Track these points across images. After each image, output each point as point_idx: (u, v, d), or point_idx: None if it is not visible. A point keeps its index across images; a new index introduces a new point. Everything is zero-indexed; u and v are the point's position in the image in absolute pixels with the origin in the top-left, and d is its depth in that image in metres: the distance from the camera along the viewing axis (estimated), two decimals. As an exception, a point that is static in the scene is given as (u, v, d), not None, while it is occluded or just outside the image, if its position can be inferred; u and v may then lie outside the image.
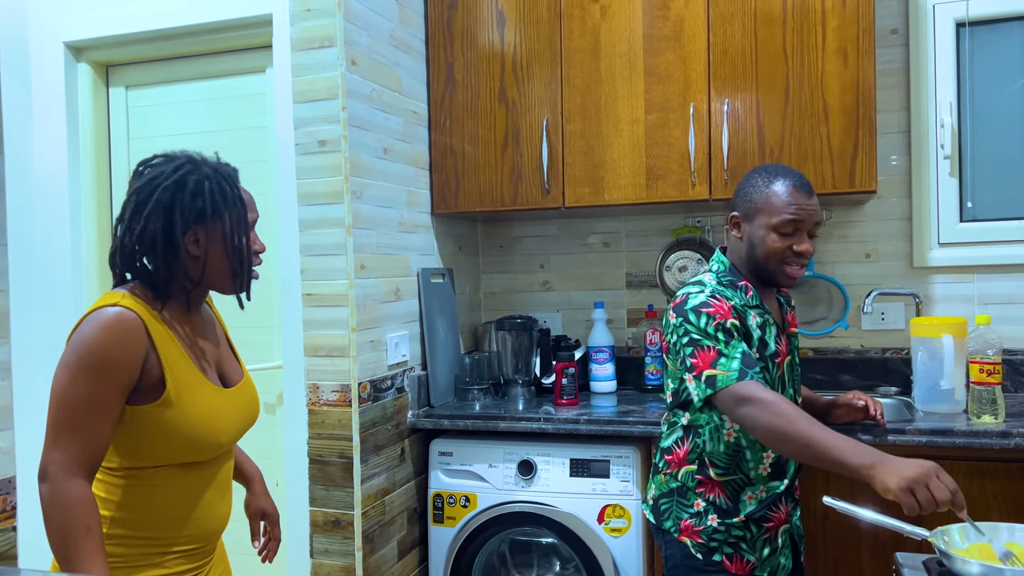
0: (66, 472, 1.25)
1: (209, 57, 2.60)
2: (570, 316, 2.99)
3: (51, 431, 1.28)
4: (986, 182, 2.57)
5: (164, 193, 1.34)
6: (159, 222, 1.34)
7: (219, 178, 1.39)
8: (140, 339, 1.31)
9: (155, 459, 1.36)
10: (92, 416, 1.27)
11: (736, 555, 1.73)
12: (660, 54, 2.45)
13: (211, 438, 1.40)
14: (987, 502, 1.96)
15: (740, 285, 1.74)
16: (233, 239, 1.39)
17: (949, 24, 2.56)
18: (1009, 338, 2.46)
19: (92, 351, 1.28)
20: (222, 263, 1.40)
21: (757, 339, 1.71)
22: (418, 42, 2.64)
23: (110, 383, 1.28)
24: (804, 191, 1.70)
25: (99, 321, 1.29)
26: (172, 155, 1.41)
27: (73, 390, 1.27)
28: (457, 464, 2.37)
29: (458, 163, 2.66)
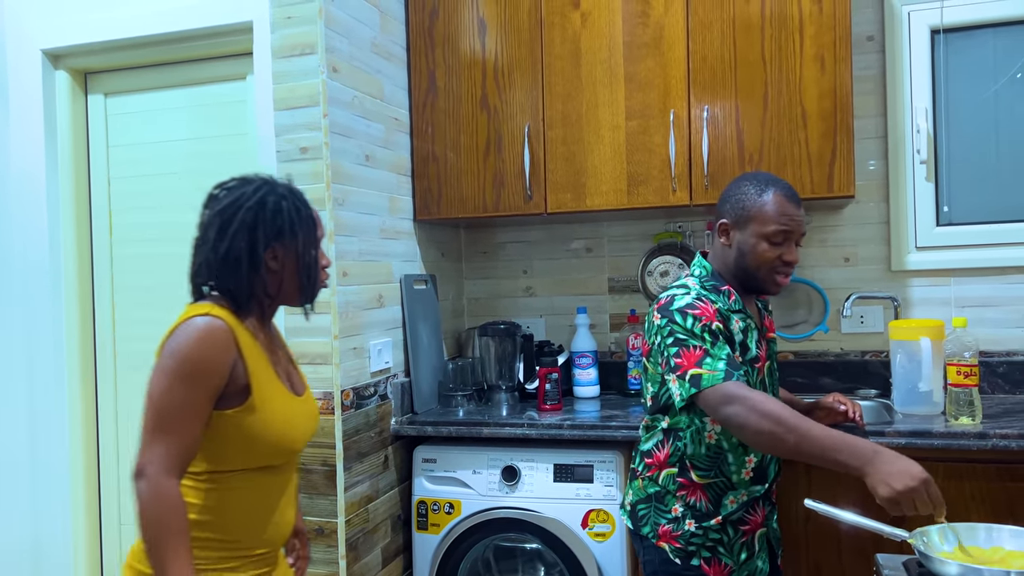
0: (163, 471, 1.33)
1: (189, 64, 2.59)
2: (553, 321, 2.99)
3: (148, 432, 1.36)
4: (961, 187, 2.61)
5: (248, 213, 1.45)
6: (243, 240, 1.45)
7: (293, 198, 1.50)
8: (230, 347, 1.40)
9: (236, 463, 1.44)
10: (186, 419, 1.36)
11: (714, 559, 1.74)
12: (640, 61, 2.47)
13: (288, 443, 1.49)
14: (965, 503, 1.98)
15: (723, 290, 1.75)
16: (305, 255, 1.50)
17: (924, 31, 2.60)
18: (985, 340, 2.50)
19: (187, 358, 1.36)
20: (294, 278, 1.51)
21: (739, 343, 1.72)
22: (399, 49, 2.65)
23: (202, 389, 1.37)
24: (794, 201, 1.73)
25: (193, 330, 1.39)
26: (248, 178, 1.52)
27: (169, 395, 1.36)
28: (441, 471, 2.37)
29: (440, 170, 2.66)
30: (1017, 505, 1.95)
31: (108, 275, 2.72)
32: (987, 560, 1.26)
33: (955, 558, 1.25)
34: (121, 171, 2.70)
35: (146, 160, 2.66)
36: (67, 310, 2.66)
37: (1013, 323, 2.55)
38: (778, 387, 1.91)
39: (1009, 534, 1.32)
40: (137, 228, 2.69)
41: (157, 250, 2.67)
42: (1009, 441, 1.94)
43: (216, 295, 1.48)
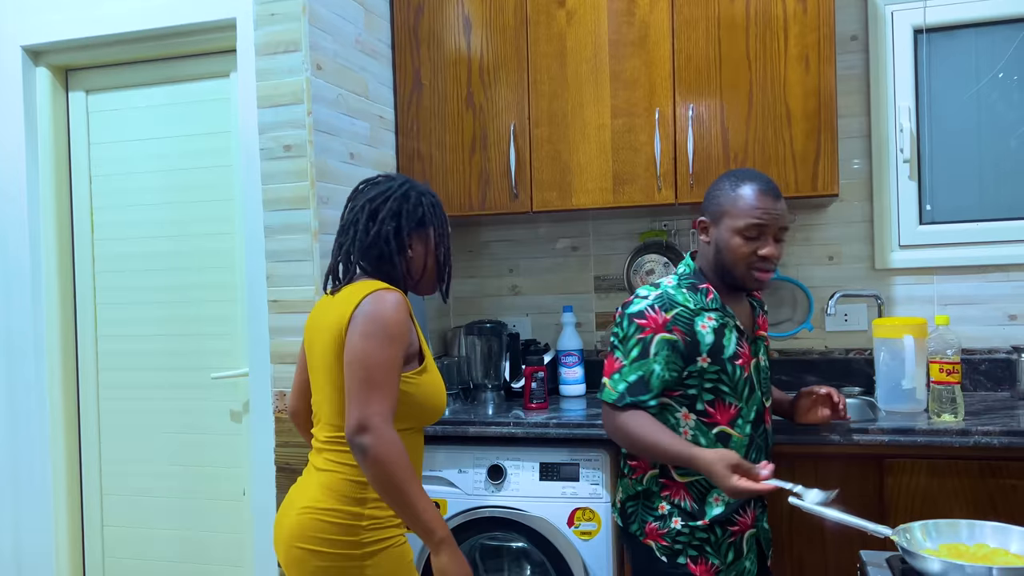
0: (385, 421, 1.50)
1: (172, 61, 2.57)
2: (539, 320, 2.99)
3: (363, 390, 1.50)
4: (944, 185, 2.63)
5: (394, 203, 1.66)
6: (391, 224, 1.64)
7: (431, 197, 1.72)
8: (410, 316, 1.61)
9: (409, 421, 1.63)
10: (391, 375, 1.53)
11: (701, 558, 1.74)
12: (626, 60, 2.47)
13: (442, 403, 1.71)
14: (948, 500, 2.00)
15: (701, 288, 1.76)
16: (441, 246, 1.71)
17: (907, 31, 2.62)
18: (967, 338, 2.52)
19: (388, 323, 1.54)
20: (432, 266, 1.71)
21: (710, 343, 1.72)
22: (384, 47, 2.64)
23: (401, 349, 1.56)
24: (771, 195, 1.72)
25: (385, 300, 1.57)
26: (392, 175, 1.74)
27: (377, 354, 1.52)
28: (426, 470, 2.35)
29: (426, 168, 2.65)
30: (999, 501, 1.96)
31: (90, 274, 2.70)
32: (971, 557, 1.27)
33: (938, 555, 1.26)
34: (103, 169, 2.68)
35: (128, 158, 2.64)
36: (48, 309, 2.63)
37: (995, 321, 2.57)
38: (768, 386, 1.90)
39: (992, 530, 1.33)
40: (119, 226, 2.66)
41: (139, 248, 2.65)
42: (991, 438, 1.96)
43: (371, 276, 1.66)
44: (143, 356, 2.66)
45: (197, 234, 2.59)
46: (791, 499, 1.52)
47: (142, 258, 2.64)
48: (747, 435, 1.77)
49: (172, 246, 2.61)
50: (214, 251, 2.56)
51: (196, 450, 2.60)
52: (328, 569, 1.55)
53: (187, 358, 2.61)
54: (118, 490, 2.69)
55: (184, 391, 2.61)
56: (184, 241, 2.60)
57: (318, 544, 1.55)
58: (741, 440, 1.76)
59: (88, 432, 2.71)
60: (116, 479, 2.69)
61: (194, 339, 2.60)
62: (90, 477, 2.71)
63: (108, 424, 2.70)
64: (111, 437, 2.70)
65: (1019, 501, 1.95)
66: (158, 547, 2.66)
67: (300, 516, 1.58)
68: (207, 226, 2.57)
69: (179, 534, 2.63)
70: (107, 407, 2.70)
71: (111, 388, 2.70)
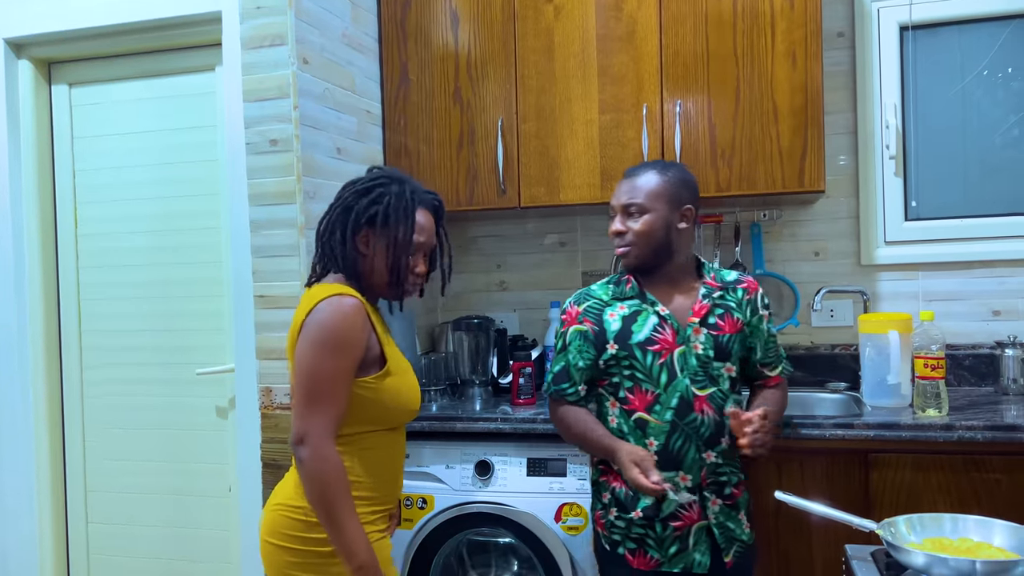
0: (323, 436, 1.48)
1: (156, 55, 2.55)
2: (527, 316, 2.99)
3: (304, 402, 1.50)
4: (929, 182, 2.64)
5: (352, 196, 1.63)
6: (340, 218, 1.62)
7: (402, 200, 1.62)
8: (365, 322, 1.56)
9: (373, 424, 1.60)
10: (336, 388, 1.51)
11: (639, 551, 1.80)
12: (613, 55, 2.47)
13: (413, 404, 1.68)
14: (932, 495, 2.01)
15: (623, 279, 1.87)
16: (395, 252, 1.61)
17: (893, 28, 2.63)
18: (952, 333, 2.54)
19: (335, 333, 1.51)
20: (383, 269, 1.62)
21: (616, 329, 1.81)
22: (371, 41, 2.62)
23: (348, 359, 1.52)
24: (625, 178, 1.83)
25: (335, 307, 1.53)
26: (387, 169, 1.70)
27: (320, 366, 1.50)
28: (413, 466, 2.35)
29: (413, 163, 2.64)
30: (982, 495, 1.98)
31: (73, 269, 2.67)
32: (955, 551, 1.28)
33: (922, 548, 1.27)
34: (86, 163, 2.65)
35: (112, 152, 2.62)
36: (31, 304, 2.61)
37: (979, 316, 2.59)
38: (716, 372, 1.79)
39: (975, 524, 1.34)
40: (103, 221, 2.64)
41: (124, 243, 2.63)
42: (975, 433, 1.98)
43: (336, 275, 1.64)
44: (128, 351, 2.64)
45: (182, 229, 2.57)
46: (778, 494, 1.52)
47: (127, 253, 2.62)
48: (667, 421, 1.76)
49: (157, 241, 2.59)
50: (199, 246, 2.55)
51: (182, 446, 2.59)
52: (299, 565, 1.55)
53: (172, 354, 2.59)
54: (103, 486, 2.68)
55: (169, 387, 2.59)
56: (169, 236, 2.58)
57: (288, 540, 1.56)
58: (660, 427, 1.77)
59: (72, 428, 2.69)
60: (101, 475, 2.67)
61: (179, 334, 2.58)
62: (74, 473, 2.69)
63: (92, 420, 2.68)
64: (95, 433, 2.68)
65: (1002, 495, 1.97)
66: (143, 544, 2.64)
67: (273, 512, 1.60)
68: (192, 221, 2.55)
69: (164, 531, 2.62)
70: (91, 403, 2.68)
71: (95, 384, 2.67)
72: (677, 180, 1.81)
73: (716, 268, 1.91)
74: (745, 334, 1.85)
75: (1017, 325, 2.53)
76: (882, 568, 1.31)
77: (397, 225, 1.61)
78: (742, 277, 1.90)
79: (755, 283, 1.90)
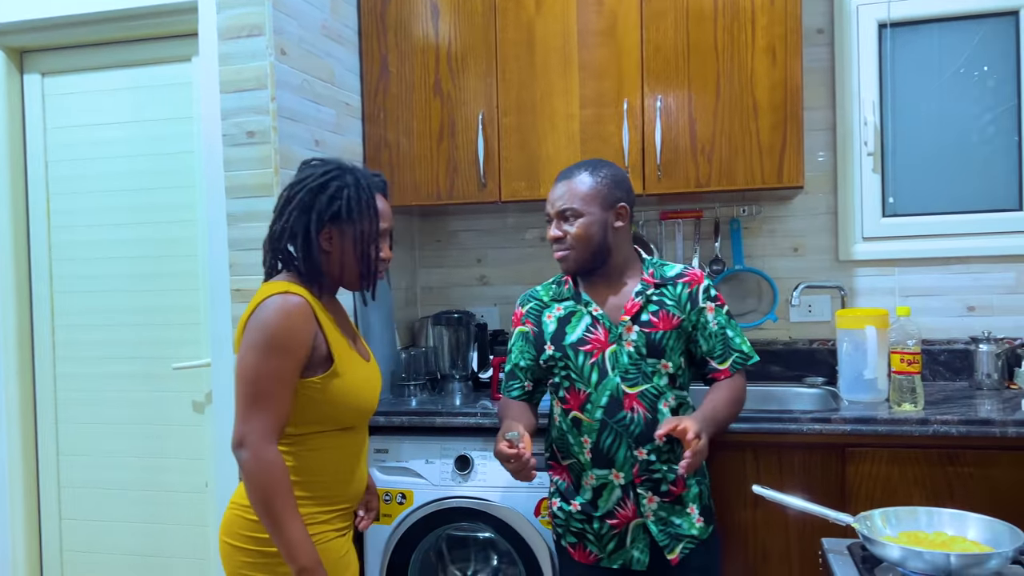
0: (263, 439, 1.45)
1: (131, 44, 2.51)
2: (507, 310, 2.98)
3: (244, 405, 1.47)
4: (906, 178, 2.67)
5: (307, 194, 1.54)
6: (299, 219, 1.54)
7: (359, 188, 1.56)
8: (310, 321, 1.51)
9: (323, 424, 1.56)
10: (277, 390, 1.47)
11: (580, 544, 1.84)
12: (594, 49, 2.47)
13: (366, 404, 1.63)
14: (908, 488, 2.03)
15: (562, 280, 1.90)
16: (362, 243, 1.57)
17: (872, 25, 2.65)
18: (928, 329, 2.56)
19: (275, 333, 1.47)
20: (352, 263, 1.58)
21: (552, 331, 1.84)
22: (351, 32, 2.60)
23: (290, 360, 1.48)
24: (558, 182, 1.83)
25: (276, 307, 1.49)
26: (327, 160, 1.61)
27: (260, 368, 1.46)
28: (393, 461, 2.34)
29: (393, 156, 2.62)
30: (956, 488, 2.00)
31: (46, 261, 2.63)
32: (930, 545, 1.29)
33: (898, 542, 1.28)
34: (59, 154, 2.61)
35: (86, 143, 2.58)
36: (3, 297, 2.57)
37: (954, 312, 2.62)
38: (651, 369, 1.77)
39: (949, 517, 1.35)
40: (76, 213, 2.60)
41: (98, 236, 2.59)
42: (949, 427, 2.00)
43: (286, 272, 1.59)
44: (102, 346, 2.60)
45: (157, 221, 2.53)
46: (755, 487, 1.53)
47: (100, 246, 2.58)
48: (597, 420, 1.77)
49: (132, 233, 2.56)
50: (175, 239, 2.51)
51: (157, 441, 2.56)
52: (251, 564, 1.53)
53: (147, 348, 2.56)
54: (76, 482, 2.64)
55: (145, 381, 2.56)
56: (144, 229, 2.55)
57: (241, 540, 1.54)
58: (591, 424, 1.78)
59: (45, 423, 2.65)
60: (74, 471, 2.64)
61: (155, 328, 2.55)
62: (47, 469, 2.65)
63: (66, 415, 2.64)
64: (69, 428, 2.64)
65: (976, 488, 1.99)
66: (118, 540, 2.61)
67: (229, 511, 1.59)
68: (168, 213, 2.52)
69: (139, 527, 2.59)
70: (65, 398, 2.64)
71: (69, 378, 2.64)
72: (609, 180, 1.80)
73: (659, 263, 1.87)
74: (683, 329, 1.81)
75: (992, 321, 2.56)
76: (858, 561, 1.32)
77: (362, 217, 1.56)
78: (685, 271, 1.85)
79: (699, 275, 1.85)
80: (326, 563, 1.53)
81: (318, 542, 1.53)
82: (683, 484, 1.80)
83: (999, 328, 2.51)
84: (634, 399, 1.76)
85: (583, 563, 1.84)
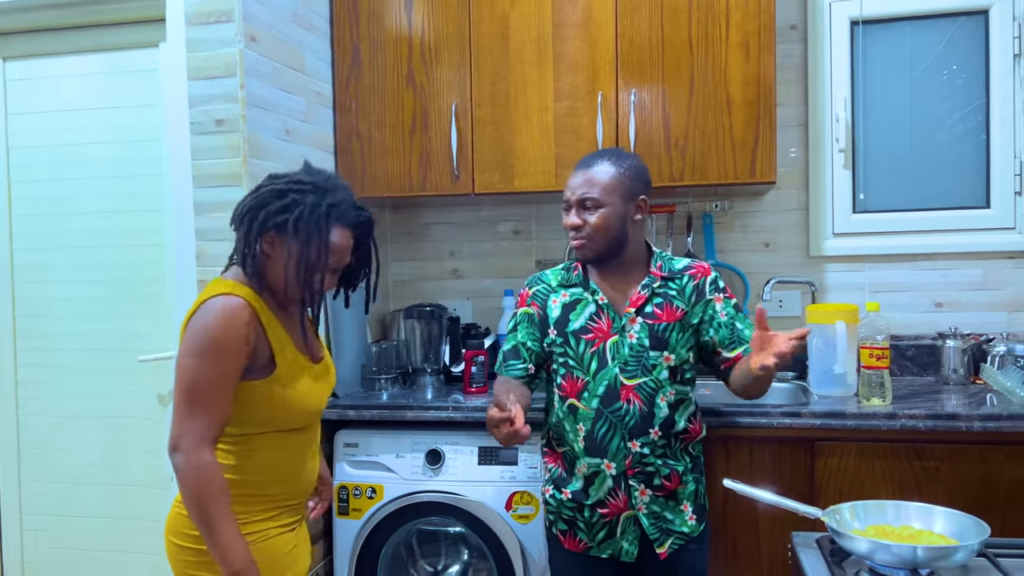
0: (198, 443, 1.43)
1: (96, 29, 2.45)
2: (480, 304, 2.97)
3: (181, 408, 1.45)
4: (877, 175, 2.69)
5: (266, 194, 1.52)
6: (248, 216, 1.52)
7: (314, 212, 1.50)
8: (252, 323, 1.48)
9: (265, 426, 1.54)
10: (215, 393, 1.44)
11: (570, 532, 1.84)
12: (569, 41, 2.45)
13: (311, 407, 1.61)
14: (876, 482, 2.05)
15: (573, 266, 1.89)
16: (302, 264, 1.51)
17: (844, 22, 2.66)
18: (896, 324, 2.59)
19: (214, 338, 1.44)
20: (291, 277, 1.52)
21: (556, 316, 1.84)
22: (322, 21, 2.56)
23: (228, 364, 1.45)
24: (578, 169, 1.81)
25: (216, 309, 1.46)
26: (315, 172, 1.58)
27: (197, 371, 1.44)
28: (363, 455, 2.32)
29: (364, 147, 2.59)
30: (923, 482, 2.03)
31: (7, 251, 2.57)
32: (897, 538, 1.30)
33: (866, 535, 1.29)
34: (21, 140, 2.55)
35: (49, 129, 2.52)
36: (-39, 288, 2.50)
37: (922, 308, 2.65)
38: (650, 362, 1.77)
39: (916, 511, 1.37)
40: (39, 201, 2.54)
41: (61, 225, 2.53)
42: (916, 421, 2.02)
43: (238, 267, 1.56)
44: (65, 337, 2.54)
45: (122, 210, 2.48)
46: (726, 481, 1.53)
47: (64, 235, 2.52)
48: (594, 408, 1.78)
49: (96, 223, 2.50)
50: (141, 228, 2.46)
51: (121, 435, 2.51)
52: (195, 563, 1.52)
53: (112, 339, 2.51)
54: (38, 476, 2.58)
55: (109, 374, 2.51)
56: (109, 218, 2.49)
57: (184, 539, 1.53)
58: (587, 412, 1.78)
59: (5, 416, 2.59)
60: (36, 465, 2.58)
61: (119, 320, 2.50)
62: (7, 463, 2.59)
63: (27, 409, 2.58)
64: (30, 422, 2.58)
65: (942, 482, 2.02)
66: (79, 535, 2.56)
67: (173, 510, 1.57)
68: (133, 202, 2.47)
69: (102, 522, 2.54)
70: (26, 391, 2.58)
71: (30, 369, 2.58)
72: (632, 172, 1.79)
73: (667, 257, 1.89)
74: (688, 322, 1.81)
75: (958, 317, 2.60)
76: (827, 554, 1.32)
77: (309, 243, 1.50)
78: (693, 264, 1.87)
79: (706, 268, 1.86)
80: (269, 560, 1.52)
81: (259, 540, 1.52)
82: (677, 480, 1.81)
83: (965, 324, 2.55)
84: (631, 391, 1.77)
85: (572, 551, 1.84)
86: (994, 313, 2.60)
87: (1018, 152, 2.57)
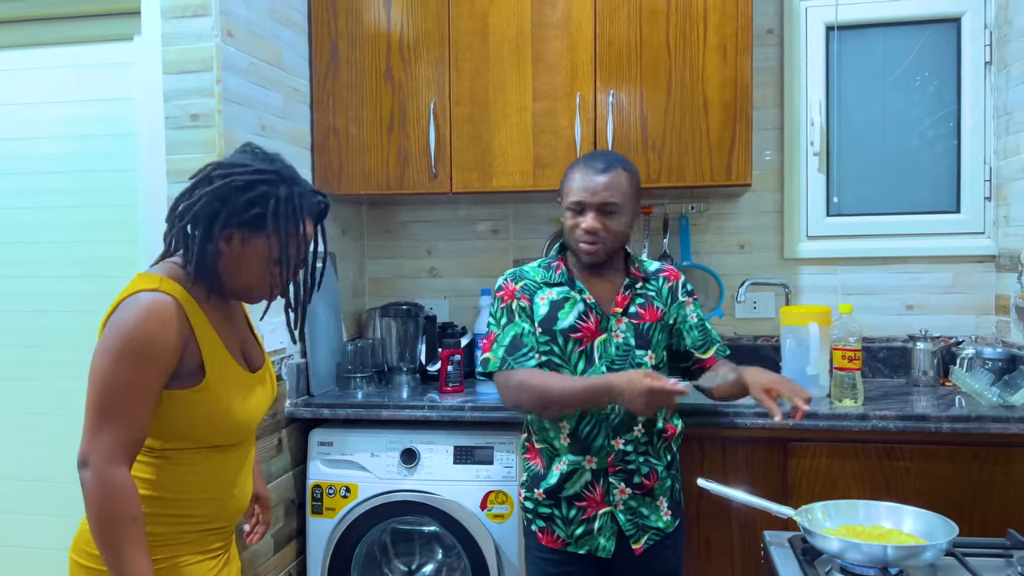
0: (109, 460, 1.24)
1: (69, 21, 2.41)
2: (457, 303, 2.96)
3: (93, 418, 1.26)
4: (850, 179, 2.72)
5: (229, 185, 1.33)
6: (206, 210, 1.33)
7: (288, 204, 1.36)
8: (179, 325, 1.31)
9: (190, 441, 1.37)
10: (133, 402, 1.26)
11: (548, 529, 1.84)
12: (548, 41, 2.45)
13: (244, 421, 1.42)
14: (847, 482, 2.08)
15: (554, 264, 1.88)
16: (276, 265, 1.37)
17: (820, 27, 2.69)
18: (868, 326, 2.62)
19: (133, 336, 1.26)
20: (251, 277, 1.39)
21: (542, 314, 1.83)
22: (300, 16, 2.54)
23: (151, 369, 1.27)
24: (594, 172, 1.79)
25: (138, 306, 1.28)
26: (271, 157, 1.42)
27: (115, 376, 1.25)
28: (337, 454, 2.31)
29: (342, 144, 2.58)
30: (893, 482, 2.06)
31: (-26, 245, 2.52)
32: (867, 537, 1.32)
33: (837, 534, 1.30)
34: (-11, 132, 2.49)
35: (20, 122, 2.47)
36: (-74, 282, 2.44)
37: (893, 311, 2.68)
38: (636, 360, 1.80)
39: (886, 510, 1.38)
40: (9, 194, 2.50)
41: (32, 219, 2.49)
42: (887, 422, 2.05)
43: (175, 261, 1.39)
44: (32, 333, 2.50)
45: (95, 205, 2.44)
46: (700, 481, 1.54)
47: (34, 229, 2.48)
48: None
49: (68, 217, 2.46)
50: (113, 223, 2.42)
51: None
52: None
53: (81, 335, 2.46)
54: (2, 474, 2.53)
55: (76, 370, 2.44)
56: (81, 212, 2.45)
57: (86, 559, 1.36)
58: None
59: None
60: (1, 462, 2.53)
61: (91, 316, 2.45)
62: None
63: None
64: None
65: (911, 482, 2.05)
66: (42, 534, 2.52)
67: (81, 526, 1.40)
68: (106, 197, 2.43)
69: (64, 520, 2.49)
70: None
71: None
72: (638, 178, 1.86)
73: (641, 259, 1.95)
74: (666, 322, 1.88)
75: (929, 319, 2.64)
76: (799, 554, 1.34)
77: (287, 239, 1.36)
78: (664, 267, 1.94)
79: (676, 272, 1.95)
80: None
81: (178, 566, 1.37)
82: (656, 477, 1.82)
83: (936, 327, 2.59)
84: None
85: (550, 547, 1.84)
86: (963, 316, 2.65)
87: (988, 158, 2.61)
